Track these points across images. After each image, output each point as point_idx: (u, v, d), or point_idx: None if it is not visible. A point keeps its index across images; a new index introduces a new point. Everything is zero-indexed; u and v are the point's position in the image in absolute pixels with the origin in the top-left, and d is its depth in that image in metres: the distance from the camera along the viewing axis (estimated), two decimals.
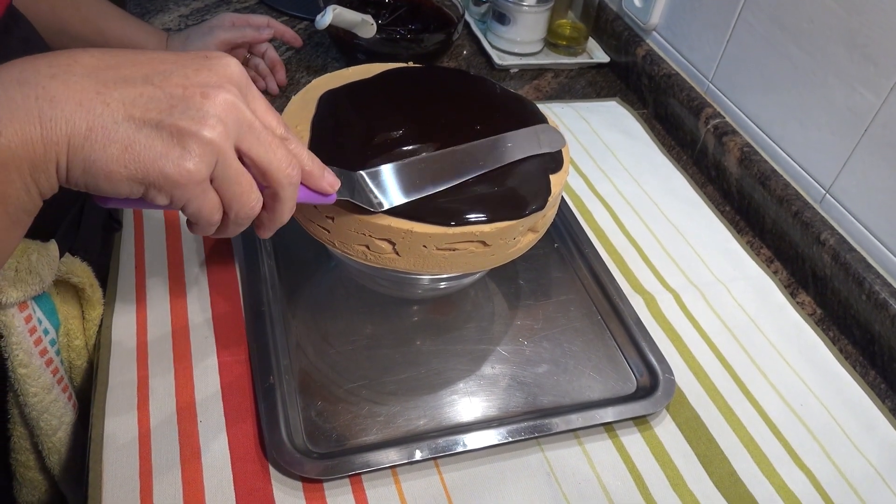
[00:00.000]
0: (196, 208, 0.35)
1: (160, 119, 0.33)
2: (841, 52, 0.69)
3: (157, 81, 0.34)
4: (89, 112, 0.32)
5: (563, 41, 1.05)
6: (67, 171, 0.33)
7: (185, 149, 0.33)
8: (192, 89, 0.34)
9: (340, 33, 0.88)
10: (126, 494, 0.47)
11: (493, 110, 0.59)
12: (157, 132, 0.33)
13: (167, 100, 0.34)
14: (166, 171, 0.33)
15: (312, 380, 0.56)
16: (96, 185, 0.33)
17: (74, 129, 0.32)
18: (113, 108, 0.32)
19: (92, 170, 0.32)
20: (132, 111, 0.33)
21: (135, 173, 0.33)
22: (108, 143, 0.32)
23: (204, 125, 0.34)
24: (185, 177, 0.33)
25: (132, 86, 0.33)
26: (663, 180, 0.84)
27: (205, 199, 0.35)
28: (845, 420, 0.60)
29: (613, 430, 0.56)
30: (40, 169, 0.32)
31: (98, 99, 0.32)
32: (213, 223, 0.37)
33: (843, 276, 0.68)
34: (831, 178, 0.73)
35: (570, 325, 0.64)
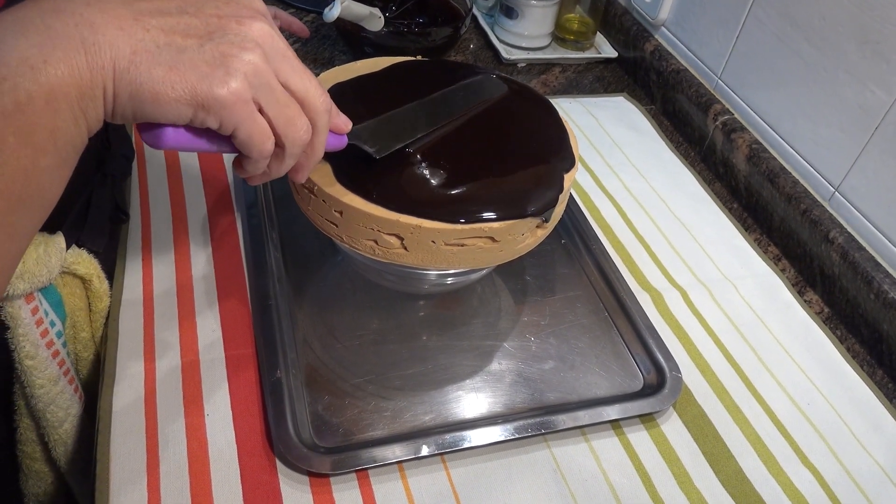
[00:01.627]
0: (247, 133, 0.35)
1: (201, 43, 0.33)
2: (852, 49, 0.69)
3: (191, 10, 0.34)
4: (131, 36, 0.32)
5: (570, 36, 1.04)
6: (115, 98, 0.32)
7: (229, 69, 0.33)
8: (227, 18, 0.35)
9: (348, 26, 0.87)
10: (133, 487, 0.47)
11: (503, 104, 0.59)
12: (199, 54, 0.33)
13: (204, 27, 0.34)
14: (213, 89, 0.33)
15: (319, 374, 0.56)
16: (142, 111, 0.33)
17: (119, 52, 0.31)
18: (153, 34, 0.32)
19: (139, 93, 0.32)
20: (172, 36, 0.33)
21: (181, 94, 0.33)
22: (152, 65, 0.32)
23: (243, 48, 0.34)
24: (231, 95, 0.33)
25: (168, 15, 0.34)
26: (671, 177, 0.83)
27: (254, 122, 0.35)
28: (852, 419, 0.60)
29: (620, 428, 0.56)
30: (88, 97, 0.31)
31: (137, 24, 0.32)
32: (264, 152, 0.37)
33: (851, 275, 0.68)
34: (841, 176, 0.72)
35: (576, 322, 0.64)
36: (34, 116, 0.30)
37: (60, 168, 0.32)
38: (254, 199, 0.67)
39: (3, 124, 0.29)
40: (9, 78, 0.29)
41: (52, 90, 0.30)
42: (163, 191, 0.68)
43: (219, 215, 0.67)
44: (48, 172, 0.32)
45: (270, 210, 0.68)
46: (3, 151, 0.29)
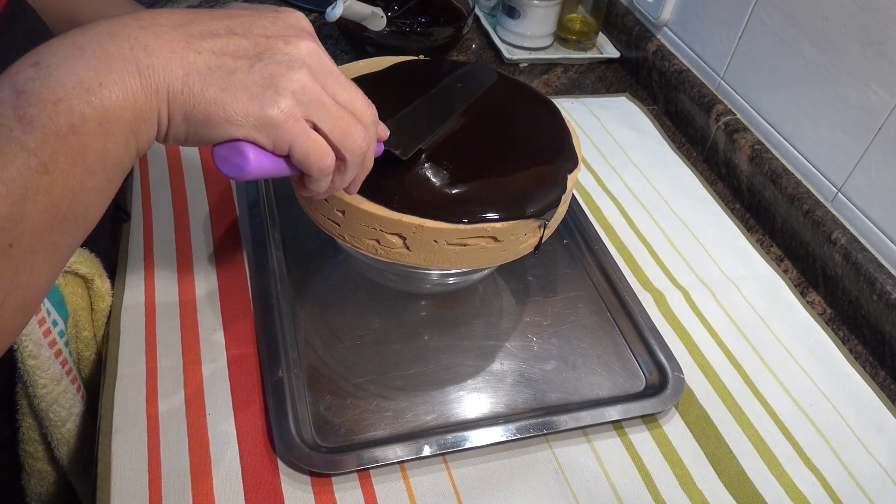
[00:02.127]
0: (303, 151, 0.36)
1: (251, 64, 0.34)
2: (855, 50, 0.69)
3: (240, 31, 0.35)
4: (183, 59, 0.33)
5: (573, 36, 1.04)
6: (169, 120, 0.33)
7: (278, 88, 0.34)
8: (275, 38, 0.35)
9: (350, 26, 0.87)
10: (134, 486, 0.47)
11: (506, 103, 0.59)
12: (249, 75, 0.34)
13: (253, 47, 0.35)
14: (264, 109, 0.34)
15: (321, 374, 0.56)
16: (196, 132, 0.34)
17: (172, 75, 0.32)
18: (205, 56, 0.33)
19: (192, 114, 0.33)
20: (223, 58, 0.34)
21: (233, 115, 0.33)
22: (204, 86, 0.33)
23: (292, 67, 0.35)
24: (281, 114, 0.34)
25: (218, 37, 0.34)
26: (673, 177, 0.83)
27: (308, 139, 0.36)
28: (855, 420, 0.59)
29: (622, 428, 0.56)
30: (141, 119, 0.32)
31: (189, 47, 0.33)
32: (324, 168, 0.37)
33: (854, 276, 0.67)
34: (843, 177, 0.72)
35: (578, 322, 0.64)
36: (87, 138, 0.30)
37: (106, 189, 0.33)
38: (256, 199, 0.67)
39: (56, 145, 0.29)
40: (64, 99, 0.29)
41: (106, 113, 0.31)
42: (164, 190, 0.68)
43: (221, 214, 0.67)
44: (94, 193, 0.32)
45: (272, 209, 0.68)
46: (53, 171, 0.29)
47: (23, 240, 0.30)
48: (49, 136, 0.29)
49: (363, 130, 0.38)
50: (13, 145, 0.29)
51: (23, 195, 0.29)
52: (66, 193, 0.30)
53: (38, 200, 0.29)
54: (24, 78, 0.30)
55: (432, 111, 0.55)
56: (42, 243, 0.31)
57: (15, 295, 0.31)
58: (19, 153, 0.29)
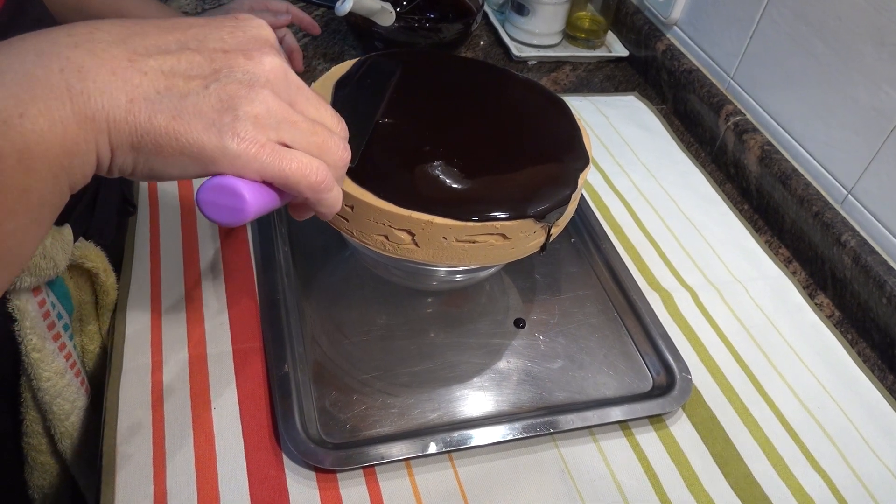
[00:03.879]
0: (279, 175, 0.32)
1: (206, 84, 0.30)
2: (868, 51, 0.68)
3: (193, 45, 0.31)
4: (126, 82, 0.28)
5: (582, 34, 1.04)
6: (112, 152, 0.29)
7: (237, 113, 0.30)
8: (233, 53, 0.31)
9: (359, 21, 0.87)
10: (139, 480, 0.46)
11: (517, 101, 0.59)
12: (204, 99, 0.30)
13: (209, 64, 0.30)
14: (222, 139, 0.30)
15: (326, 370, 0.55)
16: (148, 166, 0.30)
17: (112, 101, 0.28)
18: (152, 77, 0.29)
19: (141, 146, 0.29)
20: (173, 79, 0.29)
21: (186, 146, 0.29)
22: (152, 114, 0.28)
23: (253, 87, 0.31)
24: (242, 142, 0.30)
25: (168, 53, 0.30)
26: (681, 177, 0.83)
27: (280, 161, 0.32)
28: (862, 423, 0.59)
29: (629, 428, 0.55)
30: (73, 153, 0.28)
31: (132, 67, 0.29)
32: (313, 184, 0.33)
33: (863, 279, 0.67)
34: (854, 179, 0.72)
35: (585, 321, 0.63)
36: (2, 176, 0.26)
37: (31, 228, 0.29)
38: None
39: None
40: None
41: (27, 148, 0.26)
42: (171, 183, 0.68)
43: None
44: (16, 234, 0.28)
45: None
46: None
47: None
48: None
49: (340, 140, 0.35)
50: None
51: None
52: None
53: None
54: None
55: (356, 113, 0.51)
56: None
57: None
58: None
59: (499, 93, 0.60)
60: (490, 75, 0.62)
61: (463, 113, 0.57)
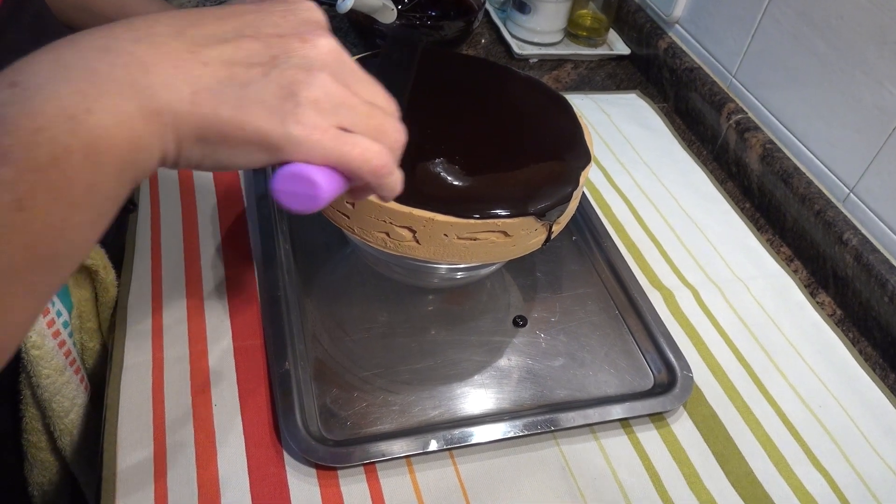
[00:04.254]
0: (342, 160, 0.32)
1: (266, 72, 0.30)
2: (870, 49, 0.68)
3: (249, 32, 0.31)
4: (189, 74, 0.28)
5: (583, 32, 1.04)
6: (178, 145, 0.29)
7: (298, 99, 0.30)
8: (289, 37, 0.31)
9: (360, 18, 0.87)
10: (140, 477, 0.46)
11: (519, 99, 0.59)
12: (265, 86, 0.30)
13: (266, 51, 0.31)
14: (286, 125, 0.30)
15: (327, 367, 0.55)
16: (214, 156, 0.30)
17: (177, 94, 0.28)
18: (213, 68, 0.29)
19: (206, 137, 0.29)
20: (234, 68, 0.30)
21: (252, 136, 0.29)
22: (217, 105, 0.29)
23: (311, 71, 0.31)
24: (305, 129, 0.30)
25: (226, 42, 0.30)
26: (683, 175, 0.82)
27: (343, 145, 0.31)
28: (864, 422, 0.59)
29: (630, 426, 0.55)
30: (140, 148, 0.28)
31: (194, 59, 0.29)
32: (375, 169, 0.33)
33: (865, 278, 0.67)
34: (856, 178, 0.71)
35: (587, 319, 0.63)
36: (71, 172, 0.26)
37: (95, 223, 0.29)
38: (264, 191, 0.67)
39: (34, 179, 0.26)
40: (45, 128, 0.26)
41: (95, 143, 0.26)
42: (172, 180, 0.68)
43: (228, 206, 0.66)
44: (80, 229, 0.28)
45: None
46: (31, 209, 0.26)
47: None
48: (26, 169, 0.25)
49: (396, 122, 0.35)
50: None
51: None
52: (47, 231, 0.27)
53: (12, 240, 0.26)
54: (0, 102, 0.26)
55: None
56: (19, 283, 0.27)
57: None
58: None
59: (500, 90, 0.60)
60: (491, 73, 0.62)
61: (464, 110, 0.57)
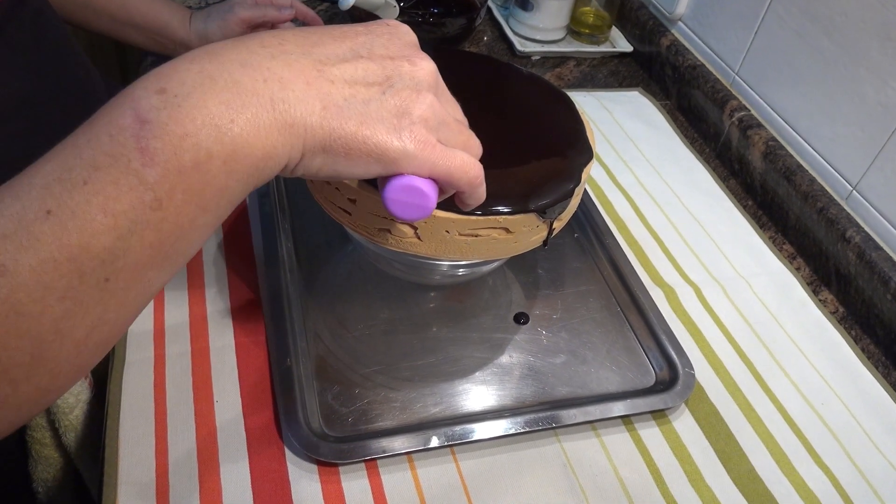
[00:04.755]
0: (445, 172, 0.35)
1: (383, 90, 0.33)
2: (874, 46, 0.68)
3: (364, 53, 0.34)
4: (318, 90, 0.31)
5: (586, 29, 1.03)
6: (303, 155, 0.31)
7: (412, 117, 0.33)
8: (399, 59, 0.34)
9: (362, 15, 0.87)
10: (142, 472, 0.46)
11: (520, 95, 0.59)
12: (383, 104, 0.33)
13: (381, 71, 0.33)
14: (403, 140, 0.33)
15: (329, 364, 0.55)
16: (334, 167, 0.33)
17: (309, 109, 0.31)
18: (339, 86, 0.32)
19: (331, 149, 0.31)
20: (356, 87, 0.32)
21: (373, 148, 0.32)
22: (343, 120, 0.31)
23: (420, 91, 0.34)
24: (419, 143, 0.33)
25: (346, 61, 0.33)
26: (685, 172, 0.82)
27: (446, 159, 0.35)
28: (866, 420, 0.59)
29: (631, 423, 0.55)
30: (271, 157, 0.30)
31: (321, 77, 0.31)
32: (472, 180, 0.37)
33: (867, 275, 0.67)
34: (859, 175, 0.71)
35: (588, 316, 0.63)
36: (209, 176, 0.28)
37: (213, 225, 0.31)
38: (266, 188, 0.67)
39: (175, 181, 0.27)
40: (192, 134, 0.28)
41: (235, 151, 0.29)
42: None
43: None
44: (202, 230, 0.30)
45: (283, 199, 0.67)
46: (167, 208, 0.28)
47: (119, 275, 0.28)
48: (170, 171, 0.27)
49: (474, 137, 0.39)
50: (131, 177, 0.27)
51: (130, 229, 0.27)
52: (175, 230, 0.29)
53: (144, 236, 0.28)
54: (148, 106, 0.28)
55: None
56: (138, 279, 0.29)
57: (100, 330, 0.29)
58: (136, 186, 0.27)
59: (502, 87, 0.60)
60: (493, 69, 0.62)
61: (466, 107, 0.56)
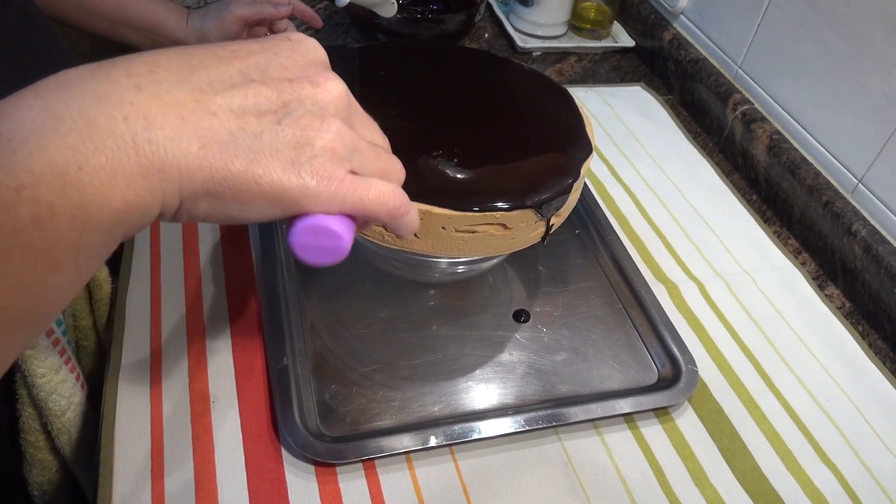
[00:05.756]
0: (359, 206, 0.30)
1: (278, 120, 0.28)
2: (878, 37, 0.67)
3: (257, 77, 0.29)
4: (196, 126, 0.26)
5: (587, 24, 1.03)
6: (182, 202, 0.27)
7: (314, 149, 0.29)
8: (299, 81, 0.29)
9: (361, 13, 0.86)
10: (137, 474, 0.46)
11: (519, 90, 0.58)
12: (278, 136, 0.28)
13: (277, 96, 0.29)
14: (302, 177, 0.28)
15: (326, 363, 0.55)
16: (224, 212, 0.28)
17: (184, 149, 0.26)
18: (223, 118, 0.27)
19: (216, 193, 0.27)
20: (245, 118, 0.28)
21: (267, 190, 0.27)
22: (228, 159, 0.27)
23: (325, 118, 0.29)
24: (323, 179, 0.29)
25: (233, 87, 0.28)
26: (688, 167, 0.81)
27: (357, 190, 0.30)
28: (874, 416, 0.58)
29: (633, 422, 0.54)
30: (136, 206, 0.25)
31: (201, 109, 0.27)
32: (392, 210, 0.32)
33: (874, 269, 0.66)
34: (864, 168, 0.70)
35: (590, 313, 0.62)
36: (54, 233, 0.24)
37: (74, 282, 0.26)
38: None
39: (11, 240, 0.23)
40: (28, 187, 0.23)
41: (85, 204, 0.24)
42: None
43: None
44: (58, 290, 0.26)
45: None
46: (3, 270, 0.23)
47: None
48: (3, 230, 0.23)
49: (395, 159, 0.34)
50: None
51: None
52: (19, 293, 0.24)
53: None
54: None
55: None
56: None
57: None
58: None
59: (500, 82, 0.59)
60: (492, 65, 0.61)
61: (464, 102, 0.56)
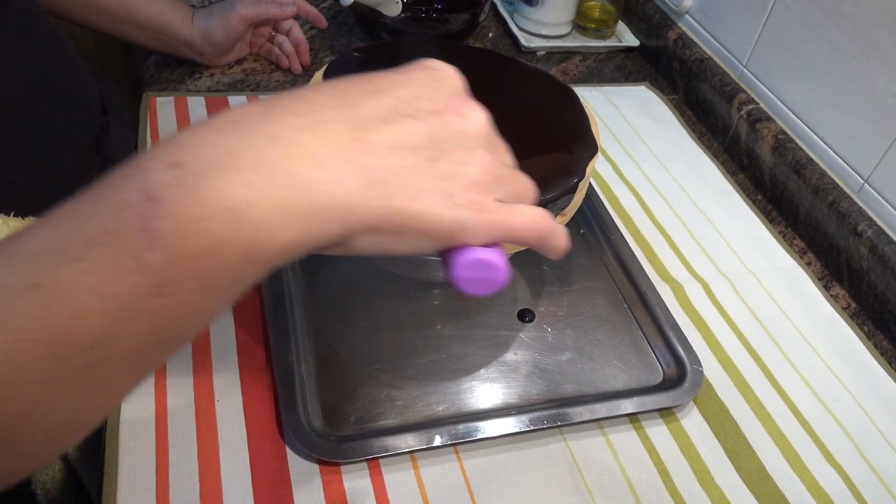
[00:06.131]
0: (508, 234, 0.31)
1: (432, 156, 0.29)
2: (885, 36, 0.66)
3: (406, 111, 0.29)
4: (359, 165, 0.27)
5: (591, 24, 1.02)
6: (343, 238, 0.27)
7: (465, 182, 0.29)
8: (446, 113, 0.30)
9: (365, 11, 0.86)
10: (142, 473, 0.46)
11: (524, 89, 0.58)
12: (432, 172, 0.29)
13: (428, 131, 0.29)
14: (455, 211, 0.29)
15: (331, 362, 0.55)
16: (381, 246, 0.29)
17: (348, 188, 0.26)
18: (382, 157, 0.28)
19: (377, 228, 0.27)
20: (401, 154, 0.28)
21: (427, 225, 0.28)
22: (388, 196, 0.27)
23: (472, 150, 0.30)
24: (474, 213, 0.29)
25: (387, 123, 0.28)
26: (693, 167, 0.81)
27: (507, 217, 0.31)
28: (879, 417, 0.58)
29: (638, 422, 0.54)
30: (302, 243, 0.26)
31: (361, 147, 0.27)
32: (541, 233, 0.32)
33: (880, 270, 0.65)
34: (871, 168, 0.70)
35: (594, 313, 0.62)
36: (221, 265, 0.24)
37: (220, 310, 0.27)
38: None
39: (181, 268, 0.24)
40: (207, 219, 0.24)
41: (256, 239, 0.25)
42: None
43: None
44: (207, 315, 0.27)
45: None
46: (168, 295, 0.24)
47: (108, 361, 0.24)
48: (176, 257, 0.23)
49: (526, 180, 0.34)
50: (130, 260, 0.23)
51: (124, 316, 0.23)
52: (176, 318, 0.25)
53: (140, 323, 0.24)
54: (159, 181, 0.24)
55: None
56: (129, 365, 0.25)
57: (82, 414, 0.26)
58: (135, 270, 0.23)
59: (505, 81, 0.59)
60: (497, 63, 0.61)
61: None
